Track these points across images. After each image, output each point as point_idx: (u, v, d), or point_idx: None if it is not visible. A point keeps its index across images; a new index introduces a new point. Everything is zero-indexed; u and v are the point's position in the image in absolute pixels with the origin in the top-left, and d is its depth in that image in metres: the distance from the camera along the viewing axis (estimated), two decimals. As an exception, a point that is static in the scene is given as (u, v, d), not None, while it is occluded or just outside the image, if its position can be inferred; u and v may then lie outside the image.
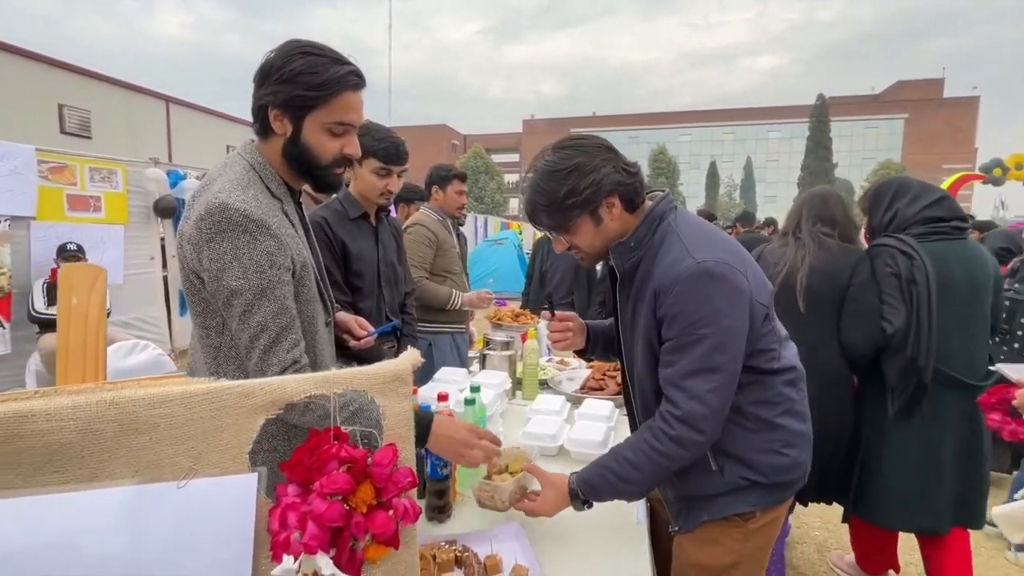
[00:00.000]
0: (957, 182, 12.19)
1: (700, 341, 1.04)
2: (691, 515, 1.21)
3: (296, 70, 1.00)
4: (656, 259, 1.11)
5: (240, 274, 0.95)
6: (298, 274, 1.04)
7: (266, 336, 0.97)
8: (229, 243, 0.95)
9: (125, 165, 5.27)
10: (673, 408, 1.08)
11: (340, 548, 0.60)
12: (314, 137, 1.06)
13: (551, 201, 1.11)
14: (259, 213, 0.98)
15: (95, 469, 0.55)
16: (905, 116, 43.26)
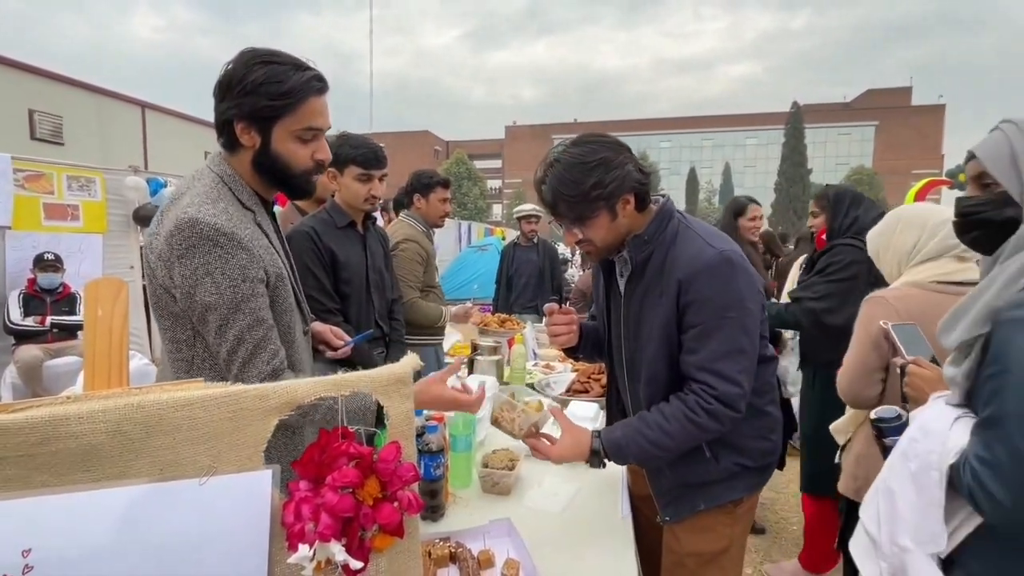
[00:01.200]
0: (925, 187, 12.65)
1: (727, 324, 1.12)
2: (683, 504, 1.26)
3: (258, 80, 0.98)
4: (673, 252, 1.18)
5: (213, 289, 0.95)
6: (272, 284, 1.04)
7: (244, 349, 0.97)
8: (200, 258, 0.94)
9: (103, 173, 5.20)
10: (709, 389, 1.13)
11: (350, 537, 0.65)
12: (284, 146, 1.04)
13: (577, 192, 1.14)
14: (230, 226, 0.97)
15: (123, 468, 0.60)
16: (875, 123, 44.72)
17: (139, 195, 5.41)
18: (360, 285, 2.04)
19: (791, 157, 37.85)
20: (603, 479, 1.59)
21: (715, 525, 1.26)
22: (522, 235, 4.48)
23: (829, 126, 45.11)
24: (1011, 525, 0.81)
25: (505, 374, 2.40)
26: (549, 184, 1.19)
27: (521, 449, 1.66)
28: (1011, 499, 0.76)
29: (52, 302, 4.18)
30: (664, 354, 1.20)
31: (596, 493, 1.52)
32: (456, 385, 1.20)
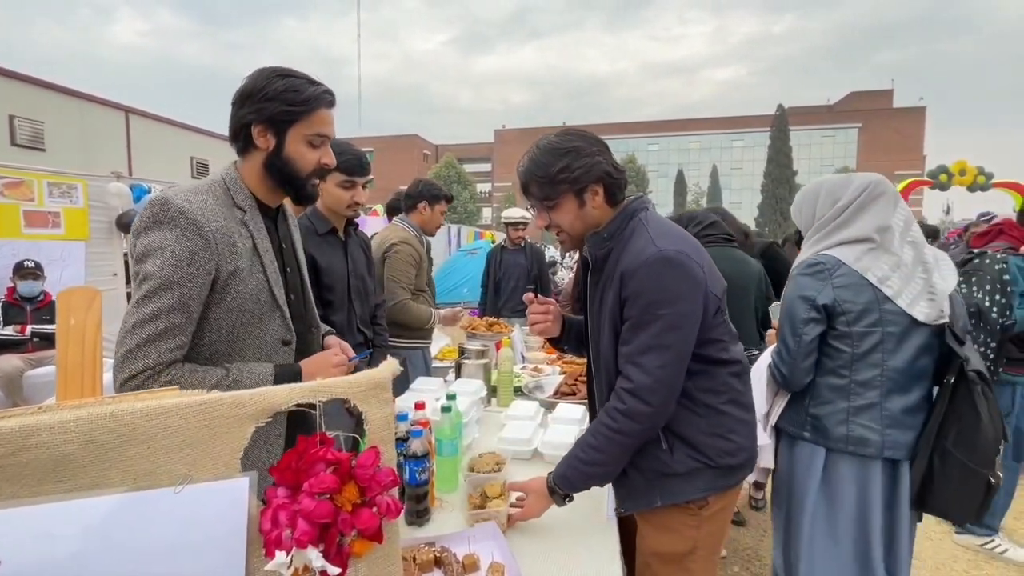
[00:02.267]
0: (907, 187, 12.90)
1: (655, 320, 1.15)
2: (640, 497, 1.28)
3: (279, 89, 1.12)
4: (625, 248, 1.22)
5: (159, 262, 1.00)
6: (223, 282, 1.08)
7: (154, 325, 1.00)
8: (158, 234, 1.02)
9: (86, 180, 5.13)
10: (625, 382, 1.19)
11: (328, 543, 0.65)
12: (295, 149, 1.16)
13: (545, 173, 1.23)
14: (196, 213, 1.04)
15: (96, 478, 0.59)
16: (858, 125, 45.45)
17: (122, 202, 5.34)
18: (342, 292, 2.04)
19: (776, 159, 38.35)
20: (589, 481, 1.61)
21: (678, 526, 1.26)
22: (509, 239, 4.49)
23: (813, 128, 45.76)
24: (789, 387, 1.60)
25: (493, 377, 2.40)
26: (524, 165, 1.29)
27: (507, 452, 1.66)
28: (786, 371, 1.56)
29: (33, 310, 4.11)
30: (612, 346, 1.25)
31: (582, 496, 1.52)
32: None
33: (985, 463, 1.33)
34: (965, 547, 2.72)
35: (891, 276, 1.42)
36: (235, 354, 1.13)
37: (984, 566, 2.58)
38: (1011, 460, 2.58)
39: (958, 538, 2.77)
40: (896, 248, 1.44)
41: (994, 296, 2.44)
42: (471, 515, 1.32)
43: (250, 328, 1.14)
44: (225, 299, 1.09)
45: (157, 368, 1.00)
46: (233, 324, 1.11)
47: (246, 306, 1.12)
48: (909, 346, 1.42)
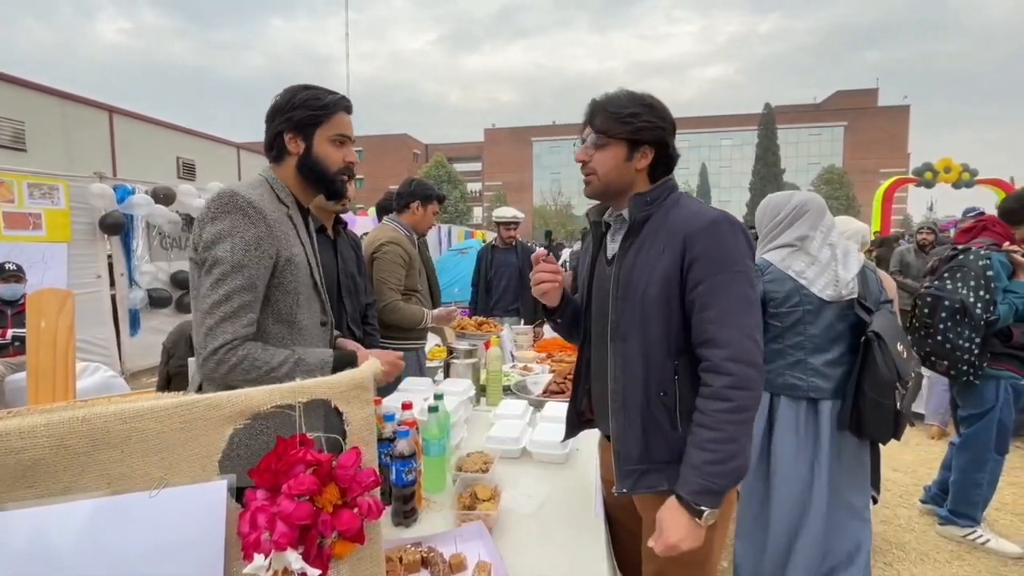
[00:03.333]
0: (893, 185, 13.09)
1: (735, 278, 1.13)
2: (645, 480, 1.22)
3: (303, 99, 1.27)
4: (675, 212, 1.22)
5: (229, 247, 1.12)
6: (281, 266, 1.21)
7: (229, 305, 1.12)
8: (229, 221, 1.13)
9: (67, 181, 5.04)
10: (720, 351, 1.11)
11: (308, 545, 0.65)
12: (322, 148, 1.30)
13: (616, 110, 1.23)
14: (261, 204, 1.17)
15: (68, 483, 0.58)
16: (844, 124, 45.99)
17: (105, 202, 5.26)
18: (332, 290, 2.03)
19: (764, 157, 38.73)
20: (577, 479, 1.61)
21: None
22: (500, 238, 4.48)
23: (800, 127, 46.24)
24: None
25: (482, 377, 2.40)
26: (602, 100, 1.27)
27: (495, 452, 1.66)
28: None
29: (14, 314, 4.03)
30: (660, 311, 1.18)
31: (570, 493, 1.53)
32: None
33: (885, 396, 1.79)
34: (948, 538, 2.76)
35: (806, 270, 1.91)
36: (295, 335, 1.25)
37: (966, 556, 2.63)
38: (995, 453, 2.63)
39: (941, 529, 2.81)
40: (814, 250, 1.92)
41: (978, 292, 2.47)
42: (460, 515, 1.31)
43: (303, 311, 1.27)
44: (284, 283, 1.22)
45: (234, 343, 1.11)
46: (291, 306, 1.24)
47: (300, 290, 1.25)
48: (824, 318, 1.89)
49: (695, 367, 1.19)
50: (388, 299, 2.51)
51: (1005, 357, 2.56)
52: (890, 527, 2.91)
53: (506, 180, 49.48)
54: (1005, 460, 2.69)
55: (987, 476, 2.65)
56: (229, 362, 1.11)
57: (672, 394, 1.20)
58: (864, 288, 1.92)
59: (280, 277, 1.21)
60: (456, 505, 1.36)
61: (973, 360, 2.50)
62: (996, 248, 2.55)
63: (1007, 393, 2.56)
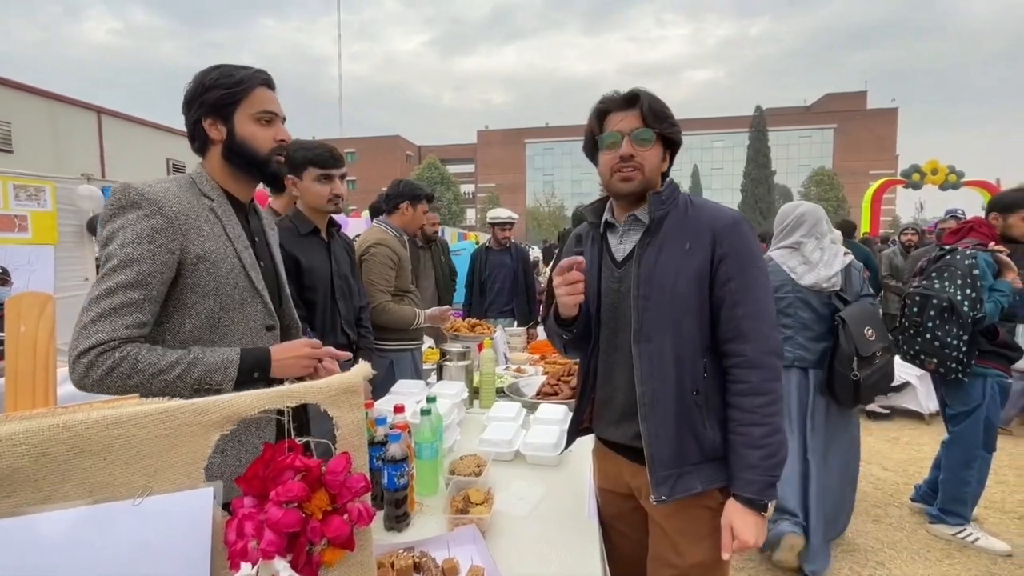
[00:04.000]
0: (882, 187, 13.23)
1: (761, 274, 1.21)
2: (681, 483, 1.20)
3: (213, 78, 1.17)
4: (693, 210, 1.25)
5: (120, 242, 1.02)
6: (191, 264, 1.09)
7: (109, 301, 0.99)
8: (121, 219, 1.04)
9: (54, 182, 4.97)
10: (756, 345, 1.16)
11: (297, 553, 0.64)
12: (246, 129, 1.19)
13: (664, 111, 1.25)
14: (159, 196, 1.06)
15: (48, 492, 0.57)
16: (834, 126, 46.43)
17: (93, 204, 5.19)
18: (325, 292, 2.01)
19: (755, 159, 38.99)
20: (570, 481, 1.60)
21: (714, 531, 1.22)
22: (494, 239, 4.47)
23: (791, 129, 46.63)
24: None
25: (475, 379, 2.39)
26: (646, 93, 1.26)
27: (488, 454, 1.65)
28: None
29: (-1, 318, 3.97)
30: (693, 306, 1.19)
31: (563, 495, 1.52)
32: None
33: (846, 368, 2.31)
34: (938, 537, 2.78)
35: (797, 267, 2.44)
36: (219, 339, 1.13)
37: (957, 555, 2.65)
38: (983, 451, 2.65)
39: (931, 528, 2.83)
40: (807, 253, 2.45)
41: (965, 290, 2.52)
42: (452, 519, 1.30)
43: (232, 314, 1.15)
44: (199, 283, 1.10)
45: (110, 344, 0.97)
46: (212, 309, 1.12)
47: (223, 290, 1.13)
48: (811, 305, 2.42)
49: (719, 363, 1.22)
50: (376, 300, 2.49)
51: (991, 355, 2.60)
52: (881, 526, 2.93)
53: (499, 182, 49.47)
54: (992, 458, 2.71)
55: (975, 474, 2.67)
56: (102, 366, 0.95)
57: (704, 392, 1.21)
58: (847, 283, 2.42)
59: (192, 276, 1.09)
60: (449, 509, 1.35)
61: (961, 357, 2.54)
62: (982, 248, 2.60)
63: (993, 391, 2.60)
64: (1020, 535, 2.83)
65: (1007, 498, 3.25)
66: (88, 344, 0.96)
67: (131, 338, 1.00)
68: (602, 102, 1.29)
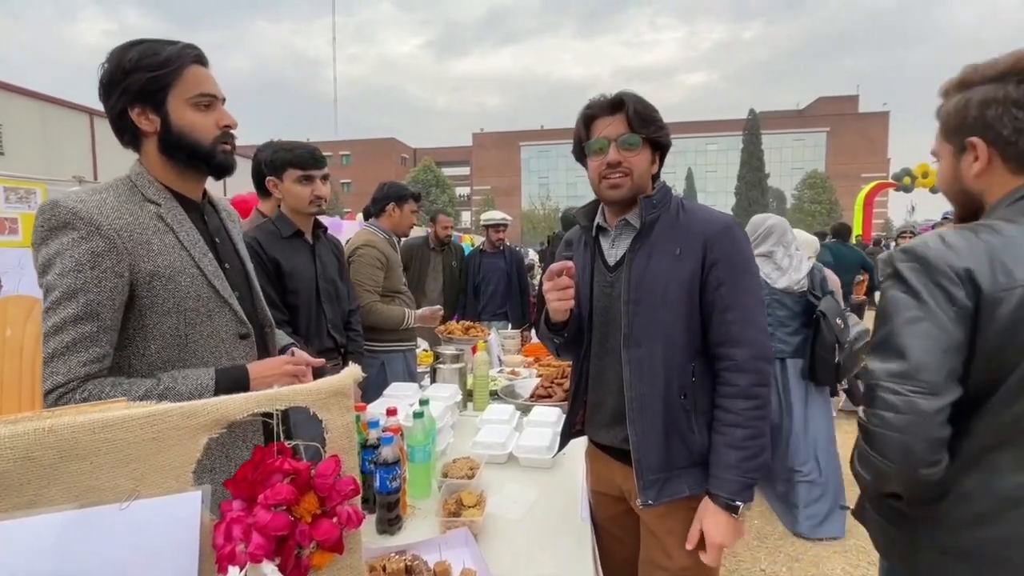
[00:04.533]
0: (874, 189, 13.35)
1: (752, 280, 1.21)
2: (668, 487, 1.21)
3: (134, 59, 1.00)
4: (684, 215, 1.25)
5: (58, 271, 0.92)
6: (143, 283, 0.99)
7: (59, 339, 0.91)
8: (55, 243, 0.93)
9: (45, 184, 4.93)
10: (746, 350, 1.16)
11: (285, 556, 0.64)
12: (184, 118, 1.04)
13: (650, 113, 1.23)
14: (93, 213, 0.94)
15: (33, 497, 0.56)
16: (827, 129, 46.85)
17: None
18: (309, 295, 2.00)
19: (749, 162, 39.25)
20: (563, 484, 1.60)
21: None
22: (488, 242, 4.48)
23: (784, 132, 47.01)
24: None
25: (468, 382, 2.39)
26: (632, 96, 1.24)
27: (481, 457, 1.65)
28: None
29: (-12, 321, 3.93)
30: (684, 311, 1.19)
31: (556, 498, 1.52)
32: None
33: (829, 353, 2.72)
34: None
35: (771, 273, 2.85)
36: (189, 357, 1.05)
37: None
38: None
39: None
40: (778, 259, 2.87)
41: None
42: (444, 521, 1.30)
43: (199, 328, 1.06)
44: (157, 302, 1.01)
45: (70, 385, 0.90)
46: (177, 326, 1.03)
47: (186, 305, 1.04)
48: (784, 304, 2.84)
49: (709, 367, 1.22)
50: (364, 301, 2.50)
51: None
52: (873, 527, 2.95)
53: (494, 184, 49.56)
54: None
55: None
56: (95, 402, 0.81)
57: (691, 396, 1.21)
58: (812, 283, 2.86)
59: (149, 296, 0.99)
60: (441, 512, 1.35)
61: None
62: None
63: None
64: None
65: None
66: (47, 387, 0.89)
67: (91, 375, 0.92)
68: (588, 107, 1.27)
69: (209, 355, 1.07)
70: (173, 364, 1.03)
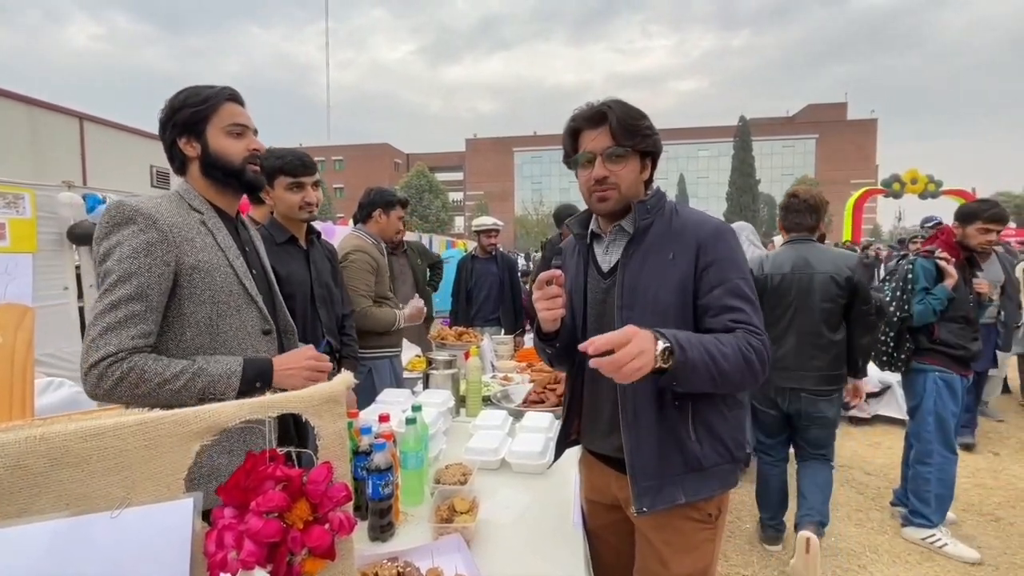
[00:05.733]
0: (863, 195, 13.52)
1: (745, 279, 1.19)
2: (662, 494, 1.19)
3: (181, 99, 1.23)
4: (677, 219, 1.24)
5: (117, 258, 1.07)
6: (186, 274, 1.14)
7: (114, 314, 1.04)
8: (117, 235, 1.09)
9: (34, 190, 4.88)
10: (757, 335, 1.14)
11: (277, 563, 0.64)
12: (219, 143, 1.25)
13: (636, 121, 1.20)
14: (152, 211, 1.11)
15: (23, 505, 0.56)
16: (816, 136, 47.43)
17: (74, 212, 5.09)
18: (304, 300, 2.01)
19: (740, 168, 39.63)
20: (556, 490, 1.61)
21: (700, 543, 1.23)
22: (480, 248, 4.48)
23: (774, 139, 47.54)
24: None
25: (461, 388, 2.39)
26: (616, 105, 1.21)
27: (474, 463, 1.65)
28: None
29: (-26, 328, 3.88)
30: (676, 316, 1.18)
31: (549, 504, 1.52)
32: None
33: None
34: (909, 540, 2.83)
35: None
36: (220, 346, 1.18)
37: (937, 557, 2.69)
38: (940, 447, 2.72)
39: (904, 531, 2.88)
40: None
41: (895, 292, 2.83)
42: (436, 528, 1.30)
43: (229, 320, 1.20)
44: (195, 292, 1.15)
45: (119, 355, 1.02)
46: (210, 316, 1.17)
47: (219, 298, 1.18)
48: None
49: None
50: (359, 305, 2.50)
51: (931, 352, 2.78)
52: (863, 529, 2.97)
53: (488, 189, 49.63)
54: (957, 460, 2.76)
55: (935, 472, 2.74)
56: (112, 376, 1.01)
57: (686, 402, 1.19)
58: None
59: (188, 286, 1.15)
60: (434, 518, 1.34)
61: (891, 352, 2.85)
62: (928, 254, 2.83)
63: (936, 385, 2.74)
64: (997, 537, 2.89)
65: (984, 500, 3.31)
66: (98, 356, 1.01)
67: (137, 348, 1.05)
68: (573, 119, 1.25)
69: (236, 346, 1.21)
70: (204, 351, 1.16)
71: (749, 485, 3.53)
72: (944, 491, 2.77)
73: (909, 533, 2.84)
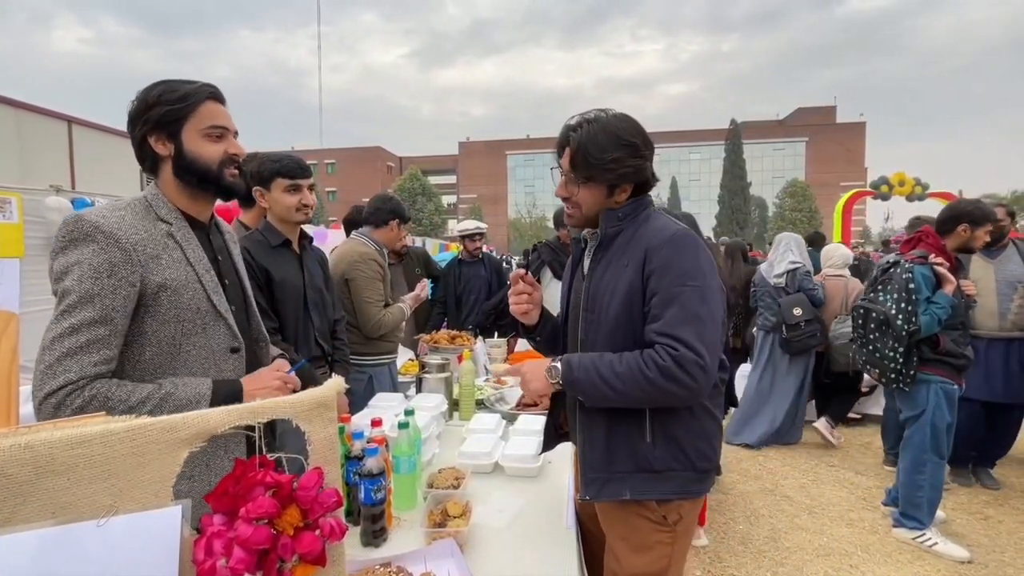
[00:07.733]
0: (852, 198, 13.66)
1: (686, 292, 1.13)
2: (608, 487, 1.24)
3: (157, 94, 1.13)
4: (642, 228, 1.24)
5: (77, 277, 0.99)
6: (151, 294, 1.06)
7: (75, 339, 0.97)
8: (75, 253, 1.01)
9: (20, 194, 4.82)
10: (670, 349, 1.11)
11: (267, 570, 0.63)
12: (195, 145, 1.16)
13: (599, 157, 1.21)
14: (113, 228, 1.03)
15: (8, 515, 0.55)
16: (806, 139, 47.91)
17: (62, 216, 5.05)
18: (297, 304, 2.01)
19: (731, 171, 39.92)
20: (549, 492, 1.61)
21: (655, 544, 1.25)
22: (466, 252, 4.47)
23: (765, 142, 47.95)
24: None
25: (454, 391, 2.39)
26: (580, 135, 1.23)
27: (467, 467, 1.65)
28: None
29: (-41, 334, 3.82)
30: (624, 322, 1.20)
31: (542, 506, 1.52)
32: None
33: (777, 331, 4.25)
34: (899, 540, 2.85)
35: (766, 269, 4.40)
36: (180, 366, 1.10)
37: (927, 556, 2.71)
38: (933, 455, 2.72)
39: (894, 531, 2.90)
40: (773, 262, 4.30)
41: (900, 304, 2.64)
42: (429, 532, 1.29)
43: (193, 339, 1.12)
44: (160, 311, 1.08)
45: (80, 383, 0.95)
46: (173, 335, 1.10)
47: (185, 316, 1.11)
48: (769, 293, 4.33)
49: None
50: (374, 317, 2.51)
51: (935, 363, 2.69)
52: (855, 529, 2.99)
53: (481, 193, 49.67)
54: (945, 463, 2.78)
55: (927, 478, 2.74)
56: (72, 405, 0.93)
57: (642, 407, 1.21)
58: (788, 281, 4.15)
59: (154, 305, 1.07)
60: (427, 523, 1.34)
61: (899, 368, 2.67)
62: (922, 260, 2.70)
63: (937, 396, 2.68)
64: (986, 535, 2.92)
65: (972, 499, 3.35)
66: (56, 384, 0.94)
67: (99, 375, 0.98)
68: (560, 133, 1.31)
69: (198, 366, 1.13)
70: (164, 372, 1.08)
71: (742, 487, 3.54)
72: (935, 495, 2.80)
73: (899, 533, 2.87)
